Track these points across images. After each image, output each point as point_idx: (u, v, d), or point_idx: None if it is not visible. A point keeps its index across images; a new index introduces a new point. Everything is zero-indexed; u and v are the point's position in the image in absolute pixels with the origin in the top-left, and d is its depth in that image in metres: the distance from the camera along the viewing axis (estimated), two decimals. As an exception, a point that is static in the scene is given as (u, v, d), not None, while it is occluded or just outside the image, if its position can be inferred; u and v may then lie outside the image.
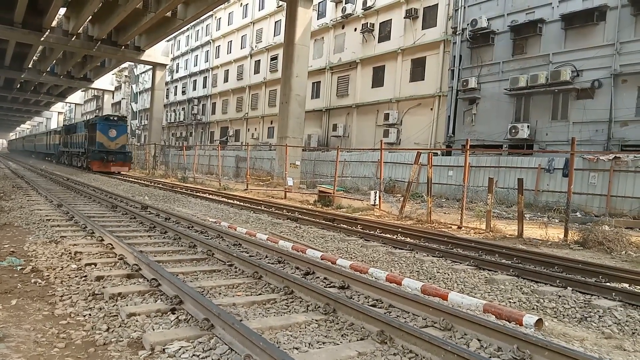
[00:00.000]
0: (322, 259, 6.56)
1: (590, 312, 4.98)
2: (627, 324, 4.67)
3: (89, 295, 4.46)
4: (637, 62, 16.55)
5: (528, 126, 19.12)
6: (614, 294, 5.42)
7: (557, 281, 5.93)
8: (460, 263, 7.04)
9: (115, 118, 31.13)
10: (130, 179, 24.18)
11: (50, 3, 25.74)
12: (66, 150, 37.18)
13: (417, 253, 7.63)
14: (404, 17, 25.67)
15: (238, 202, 14.92)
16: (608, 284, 6.02)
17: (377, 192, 14.04)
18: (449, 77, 22.81)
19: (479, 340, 3.69)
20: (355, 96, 28.88)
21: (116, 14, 26.75)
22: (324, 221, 10.93)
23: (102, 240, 6.91)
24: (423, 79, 24.88)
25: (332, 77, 30.94)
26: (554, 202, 15.38)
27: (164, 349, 3.30)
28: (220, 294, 4.83)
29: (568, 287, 5.72)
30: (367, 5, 27.55)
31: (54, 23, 30.33)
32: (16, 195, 12.99)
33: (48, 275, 5.12)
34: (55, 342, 3.44)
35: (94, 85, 54.20)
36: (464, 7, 22.29)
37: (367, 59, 28.12)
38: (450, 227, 11.39)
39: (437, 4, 24.25)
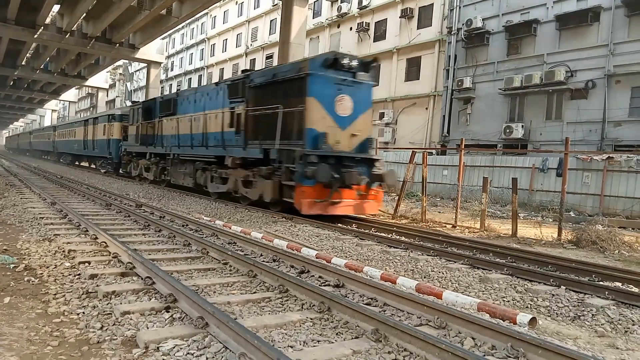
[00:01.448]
0: (317, 258, 6.55)
1: (583, 310, 5.00)
2: (620, 323, 4.70)
3: (82, 294, 4.43)
4: (630, 62, 16.67)
5: (522, 126, 19.21)
6: (607, 292, 5.43)
7: (551, 280, 5.95)
8: (455, 262, 7.04)
9: (354, 63, 10.74)
10: (124, 178, 23.91)
11: (44, 0, 25.56)
12: (154, 151, 18.57)
13: (411, 252, 7.63)
14: (400, 17, 25.71)
15: (233, 201, 14.84)
16: (601, 282, 6.05)
17: (372, 191, 14.01)
18: (444, 77, 22.87)
19: (473, 338, 3.70)
20: (350, 95, 28.84)
21: (110, 12, 26.57)
22: (318, 220, 10.90)
23: (96, 238, 6.87)
24: (418, 79, 24.94)
25: (327, 76, 30.89)
26: (548, 202, 15.47)
27: (158, 347, 3.28)
28: (214, 292, 4.81)
29: (562, 286, 5.74)
30: (363, 4, 27.58)
31: (48, 20, 30.09)
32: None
33: (41, 274, 5.09)
34: (49, 340, 3.42)
35: (88, 83, 53.74)
36: (459, 7, 22.35)
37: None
38: (445, 226, 11.42)
39: (433, 3, 24.32)
